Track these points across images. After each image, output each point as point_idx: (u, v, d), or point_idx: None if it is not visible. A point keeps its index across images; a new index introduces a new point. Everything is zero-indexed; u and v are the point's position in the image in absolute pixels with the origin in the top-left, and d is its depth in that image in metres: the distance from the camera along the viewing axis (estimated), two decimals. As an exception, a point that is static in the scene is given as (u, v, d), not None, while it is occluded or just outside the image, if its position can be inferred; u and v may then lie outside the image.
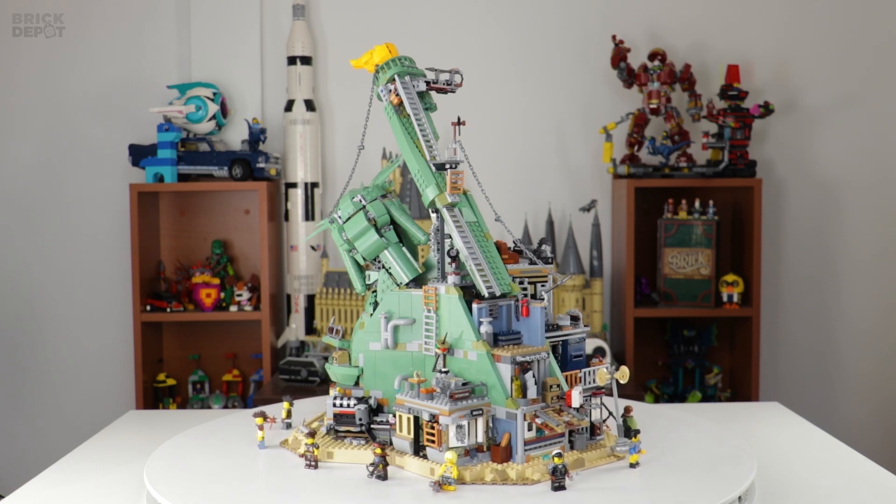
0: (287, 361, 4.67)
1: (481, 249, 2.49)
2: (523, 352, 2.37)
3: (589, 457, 2.43)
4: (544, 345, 2.42)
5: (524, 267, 2.54)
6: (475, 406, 2.31)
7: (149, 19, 5.12)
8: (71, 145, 5.16)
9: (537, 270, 2.54)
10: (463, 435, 2.30)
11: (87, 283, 5.19)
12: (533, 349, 2.40)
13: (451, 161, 2.55)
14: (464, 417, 2.29)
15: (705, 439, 2.78)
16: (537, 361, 2.38)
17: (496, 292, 2.43)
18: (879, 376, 5.26)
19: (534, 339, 2.44)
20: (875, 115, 5.17)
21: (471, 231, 2.52)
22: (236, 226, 5.15)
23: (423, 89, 2.63)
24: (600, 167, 5.10)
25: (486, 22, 5.16)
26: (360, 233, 2.65)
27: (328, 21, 5.15)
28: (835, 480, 2.71)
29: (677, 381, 5.05)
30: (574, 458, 2.38)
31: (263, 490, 2.36)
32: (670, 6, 5.14)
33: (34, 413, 5.25)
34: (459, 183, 2.53)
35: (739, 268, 4.92)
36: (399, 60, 2.65)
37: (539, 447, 2.34)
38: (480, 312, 2.42)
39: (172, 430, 3.01)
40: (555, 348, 2.51)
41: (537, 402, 2.35)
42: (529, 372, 2.36)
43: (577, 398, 2.34)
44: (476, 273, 2.44)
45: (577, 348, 2.54)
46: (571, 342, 2.53)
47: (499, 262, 2.50)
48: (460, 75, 2.68)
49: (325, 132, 5.18)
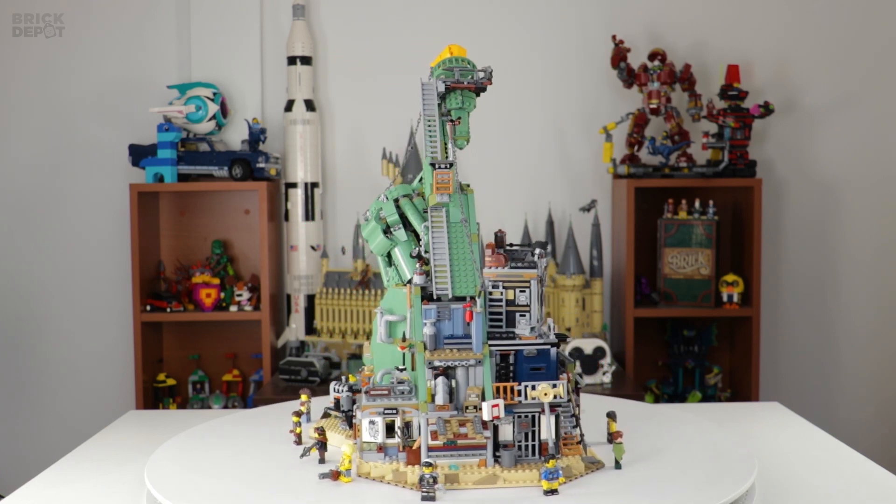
0: (287, 361, 4.67)
1: (453, 251, 2.50)
2: (444, 356, 2.36)
3: (510, 476, 2.26)
4: (480, 352, 2.38)
5: (502, 271, 2.44)
6: (388, 405, 2.34)
7: (149, 19, 5.12)
8: (71, 145, 5.16)
9: (518, 275, 2.43)
10: (375, 431, 2.34)
11: (87, 283, 5.19)
12: (457, 355, 2.37)
13: (440, 161, 2.56)
14: (376, 415, 2.33)
15: (705, 439, 2.77)
16: (466, 368, 2.36)
17: (448, 294, 2.42)
18: (880, 376, 5.26)
19: (477, 346, 2.40)
20: (875, 115, 5.17)
21: (452, 231, 2.53)
22: (236, 226, 5.15)
23: (442, 89, 2.63)
24: (600, 167, 5.10)
25: (486, 22, 5.15)
26: (371, 230, 2.70)
27: (328, 21, 5.15)
28: (835, 480, 2.70)
29: (677, 381, 5.05)
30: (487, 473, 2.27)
31: (264, 490, 2.35)
32: (670, 6, 5.14)
33: (34, 413, 5.25)
34: (446, 183, 2.54)
35: (739, 268, 4.92)
36: (448, 62, 2.67)
37: (450, 455, 2.28)
38: (426, 314, 2.43)
39: (172, 430, 3.00)
40: (506, 357, 2.40)
41: (446, 408, 2.31)
42: (441, 378, 2.33)
43: (486, 411, 2.24)
44: (434, 273, 2.46)
45: (537, 360, 2.39)
46: (527, 353, 2.39)
47: (469, 264, 2.49)
48: (484, 73, 2.67)
49: (325, 132, 5.18)
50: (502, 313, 2.43)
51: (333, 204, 5.20)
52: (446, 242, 2.50)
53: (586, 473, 2.35)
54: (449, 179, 2.54)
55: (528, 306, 2.43)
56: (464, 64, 2.67)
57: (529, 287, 2.43)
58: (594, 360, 4.55)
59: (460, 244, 2.51)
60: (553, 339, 2.40)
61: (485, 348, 2.36)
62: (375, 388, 2.38)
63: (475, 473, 2.25)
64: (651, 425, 2.88)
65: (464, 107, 2.66)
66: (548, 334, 2.41)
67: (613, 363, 4.66)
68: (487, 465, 2.27)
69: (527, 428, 2.33)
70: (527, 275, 2.43)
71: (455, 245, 2.51)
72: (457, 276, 2.45)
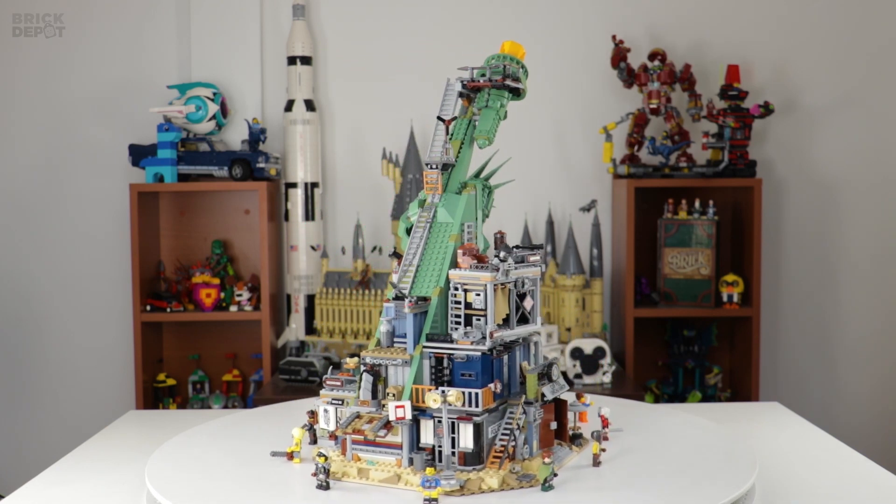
0: (287, 361, 4.67)
1: (427, 251, 2.51)
2: (377, 354, 2.41)
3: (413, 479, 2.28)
4: (412, 352, 2.39)
5: (461, 273, 2.39)
6: (336, 396, 2.47)
7: (149, 19, 5.12)
8: (71, 145, 5.16)
9: (475, 278, 2.37)
10: (328, 420, 2.48)
11: (87, 283, 5.19)
12: (387, 353, 2.42)
13: (430, 161, 2.57)
14: (328, 403, 2.47)
15: (705, 439, 2.77)
16: (396, 368, 2.40)
17: (405, 293, 2.45)
18: (880, 376, 5.26)
19: (409, 346, 2.42)
20: (875, 114, 5.17)
21: (434, 232, 2.54)
22: (236, 226, 5.15)
23: (459, 88, 2.63)
24: (600, 167, 5.10)
25: (486, 22, 5.15)
26: (402, 231, 2.73)
27: (328, 21, 5.15)
28: (835, 480, 2.71)
29: (677, 381, 5.05)
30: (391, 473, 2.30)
31: (264, 490, 2.36)
32: (670, 6, 5.14)
33: (34, 413, 5.25)
34: (433, 183, 2.54)
35: (739, 268, 4.92)
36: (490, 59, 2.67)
37: (370, 450, 2.36)
38: (386, 311, 2.47)
39: (172, 430, 3.00)
40: (441, 361, 2.38)
41: (367, 404, 2.39)
42: (366, 374, 2.40)
43: (391, 412, 2.28)
44: (401, 272, 2.50)
45: (467, 366, 2.34)
46: (457, 358, 2.35)
47: (438, 265, 2.49)
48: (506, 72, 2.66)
49: (325, 132, 5.18)
50: (461, 315, 2.39)
51: (333, 204, 5.20)
52: (421, 242, 2.53)
53: (506, 489, 2.26)
54: (436, 179, 2.54)
55: (484, 310, 2.36)
56: (505, 62, 2.65)
57: (484, 290, 2.36)
58: (594, 360, 4.55)
59: (438, 245, 2.51)
60: (486, 347, 2.31)
61: (417, 349, 2.37)
62: (331, 378, 2.49)
63: (383, 472, 2.31)
64: (651, 425, 2.88)
65: (489, 105, 2.64)
66: (483, 342, 2.31)
67: (613, 363, 4.66)
68: (403, 466, 2.31)
69: (442, 434, 2.31)
70: (483, 278, 2.36)
71: (432, 245, 2.52)
72: (420, 275, 2.49)
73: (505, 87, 2.64)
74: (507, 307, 2.41)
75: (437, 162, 2.56)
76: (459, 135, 2.65)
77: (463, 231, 2.55)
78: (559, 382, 2.48)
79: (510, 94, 2.69)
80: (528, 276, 2.48)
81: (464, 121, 2.67)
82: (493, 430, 2.34)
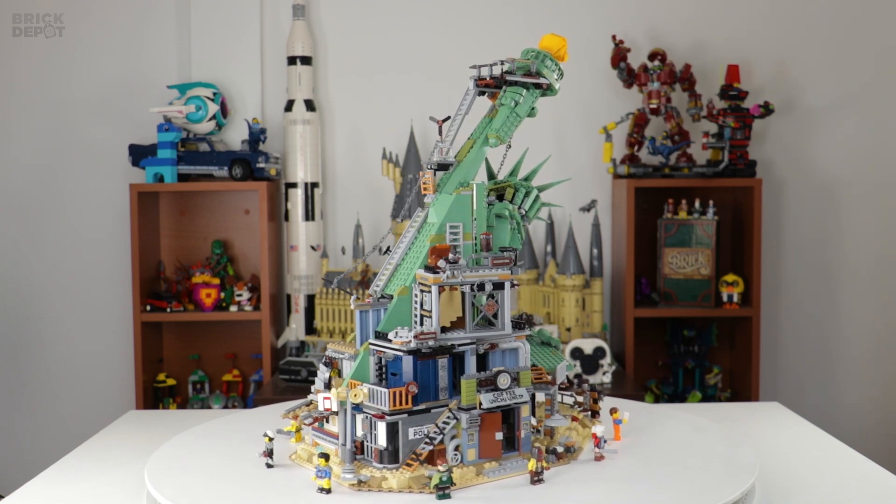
0: (287, 361, 4.67)
1: (411, 251, 2.53)
2: (337, 348, 2.53)
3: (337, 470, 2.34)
4: (359, 348, 2.46)
5: (420, 273, 2.39)
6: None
7: (149, 19, 5.12)
8: (71, 145, 5.16)
9: (424, 279, 2.36)
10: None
11: (87, 283, 5.19)
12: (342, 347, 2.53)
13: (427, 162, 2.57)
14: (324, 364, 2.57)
15: (705, 439, 2.77)
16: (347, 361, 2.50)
17: (376, 292, 2.53)
18: (880, 376, 5.26)
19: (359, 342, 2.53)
20: (875, 115, 5.17)
21: (421, 231, 2.55)
22: (236, 226, 5.15)
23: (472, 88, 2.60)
24: (600, 167, 5.10)
25: (486, 22, 5.15)
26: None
27: (328, 21, 5.15)
28: (835, 480, 2.71)
29: (677, 381, 5.05)
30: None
31: (263, 490, 2.35)
32: (670, 6, 5.14)
33: (34, 413, 5.25)
34: (426, 183, 2.54)
35: (739, 268, 4.92)
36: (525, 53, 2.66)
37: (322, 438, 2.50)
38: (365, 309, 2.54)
39: (172, 430, 3.01)
40: (381, 358, 2.41)
41: (319, 392, 2.48)
42: (322, 365, 2.53)
43: (320, 403, 2.37)
44: (381, 271, 2.57)
45: (393, 366, 2.37)
46: (386, 356, 2.38)
47: (410, 266, 2.49)
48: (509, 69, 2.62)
49: (325, 132, 5.18)
50: (417, 315, 2.39)
51: (333, 204, 5.20)
52: (407, 243, 2.55)
53: (405, 491, 2.24)
54: (429, 180, 2.53)
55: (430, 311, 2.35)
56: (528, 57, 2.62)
57: (430, 290, 2.35)
58: (594, 360, 4.55)
59: (420, 245, 2.51)
60: (412, 347, 2.30)
61: (364, 346, 2.43)
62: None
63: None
64: (651, 425, 2.88)
65: (504, 103, 2.60)
66: (408, 342, 2.30)
67: (613, 363, 4.66)
68: (339, 457, 2.38)
69: (366, 429, 2.35)
70: (430, 279, 2.35)
71: (417, 245, 2.53)
72: (396, 275, 2.53)
73: (514, 83, 2.59)
74: (457, 310, 2.38)
75: (431, 162, 2.55)
76: (477, 134, 2.63)
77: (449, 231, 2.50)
78: (515, 391, 2.36)
79: (536, 91, 2.64)
80: (494, 280, 2.41)
81: (486, 119, 2.64)
82: (418, 433, 2.31)
